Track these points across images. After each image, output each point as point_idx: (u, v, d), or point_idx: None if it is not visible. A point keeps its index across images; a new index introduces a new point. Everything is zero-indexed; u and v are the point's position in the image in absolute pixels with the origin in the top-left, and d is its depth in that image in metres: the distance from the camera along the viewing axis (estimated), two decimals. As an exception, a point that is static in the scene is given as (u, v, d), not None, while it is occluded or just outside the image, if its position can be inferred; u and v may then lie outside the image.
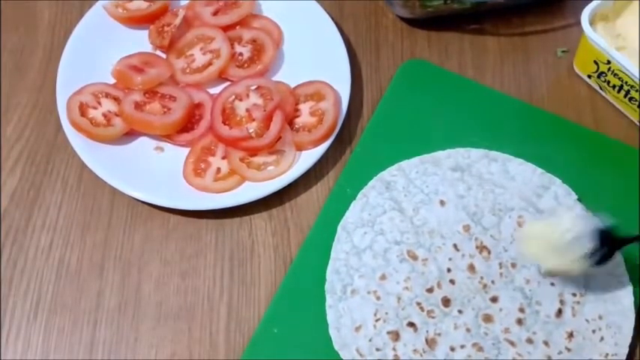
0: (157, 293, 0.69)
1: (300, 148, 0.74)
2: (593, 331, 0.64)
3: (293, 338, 0.65)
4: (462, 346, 0.64)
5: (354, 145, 0.76)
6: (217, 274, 0.70)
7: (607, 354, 0.63)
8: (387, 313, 0.65)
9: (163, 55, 0.80)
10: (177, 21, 0.81)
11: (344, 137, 0.77)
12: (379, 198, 0.71)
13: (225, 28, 0.81)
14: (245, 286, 0.70)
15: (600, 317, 0.65)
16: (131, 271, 0.71)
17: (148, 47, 0.81)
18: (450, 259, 0.67)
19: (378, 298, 0.66)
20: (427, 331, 0.64)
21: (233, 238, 0.72)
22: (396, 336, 0.64)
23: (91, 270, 0.71)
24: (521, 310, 0.65)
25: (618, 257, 0.67)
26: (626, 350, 0.63)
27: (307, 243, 0.70)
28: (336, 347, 0.64)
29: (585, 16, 0.73)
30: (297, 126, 0.75)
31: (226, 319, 0.68)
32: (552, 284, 0.66)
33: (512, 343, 0.64)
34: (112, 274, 0.70)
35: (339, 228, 0.69)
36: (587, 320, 0.64)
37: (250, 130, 0.73)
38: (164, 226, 0.73)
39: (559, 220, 0.61)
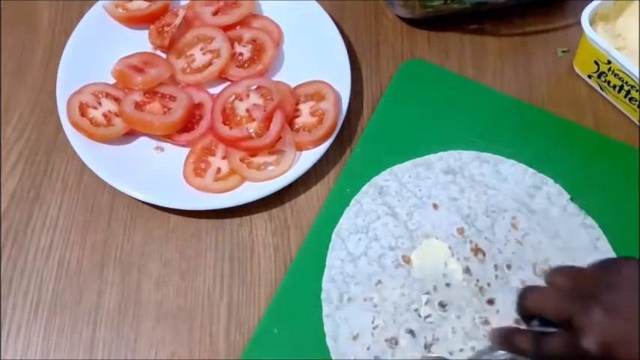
0: (157, 293, 0.69)
1: (300, 148, 0.74)
2: None
3: (293, 338, 0.65)
4: (461, 350, 0.63)
5: (354, 145, 0.76)
6: (217, 274, 0.70)
7: None
8: (384, 320, 0.65)
9: (163, 55, 0.80)
10: (178, 21, 0.81)
11: (344, 137, 0.77)
12: (372, 204, 0.71)
13: (226, 28, 0.81)
14: (245, 286, 0.70)
15: None
16: (131, 271, 0.71)
17: (148, 47, 0.81)
18: (445, 263, 0.67)
19: (375, 305, 0.66)
20: (425, 337, 0.64)
21: (233, 238, 0.72)
22: (394, 343, 0.64)
23: (91, 270, 0.71)
24: None
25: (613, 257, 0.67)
26: None
27: (307, 243, 0.70)
28: (334, 358, 0.64)
29: (585, 16, 0.73)
30: (297, 126, 0.75)
31: (226, 319, 0.68)
32: None
33: None
34: (112, 274, 0.70)
35: (333, 235, 0.69)
36: None
37: (250, 130, 0.73)
38: (164, 226, 0.73)
39: None
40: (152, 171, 0.73)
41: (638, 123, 0.76)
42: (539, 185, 0.71)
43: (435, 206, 0.70)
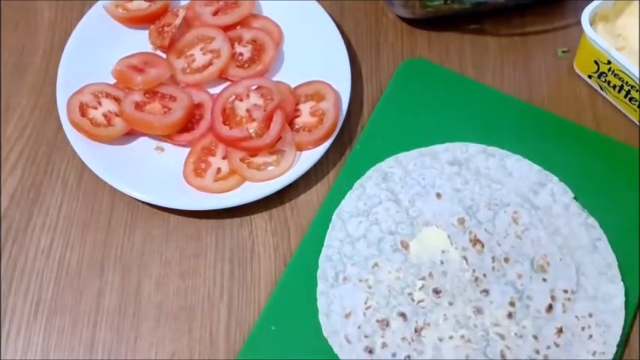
0: (157, 293, 0.69)
1: (300, 148, 0.74)
2: (583, 329, 0.64)
3: (291, 335, 0.65)
4: (451, 337, 0.64)
5: (354, 145, 0.76)
6: (217, 274, 0.70)
7: (595, 352, 0.63)
8: (377, 302, 0.65)
9: (164, 55, 0.80)
10: (178, 21, 0.81)
11: (344, 137, 0.77)
12: (376, 188, 0.71)
13: (226, 28, 0.81)
14: (245, 286, 0.70)
15: (590, 315, 0.65)
16: (131, 271, 0.71)
17: (148, 47, 0.81)
18: (443, 251, 0.67)
19: (370, 286, 0.66)
20: (416, 321, 0.64)
21: (233, 238, 0.72)
22: (385, 324, 0.64)
23: (91, 270, 0.71)
24: (512, 304, 0.65)
25: (611, 257, 0.67)
26: (613, 349, 0.63)
27: (305, 241, 0.70)
28: (325, 334, 0.64)
29: (585, 16, 0.73)
30: (297, 126, 0.75)
31: (226, 319, 0.68)
32: (544, 280, 0.66)
33: (501, 336, 0.64)
34: (112, 274, 0.70)
35: (334, 216, 0.70)
36: (577, 317, 0.65)
37: (250, 131, 0.73)
38: (164, 226, 0.73)
39: None
40: (152, 171, 0.73)
41: (638, 123, 0.76)
42: (544, 182, 0.71)
43: (438, 195, 0.70)
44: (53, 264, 0.71)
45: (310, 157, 0.73)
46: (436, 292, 0.66)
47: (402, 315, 0.65)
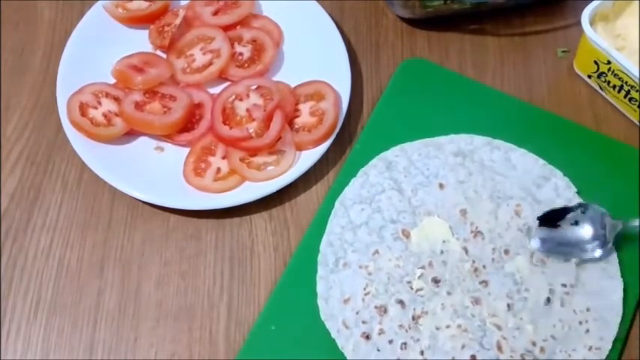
0: (157, 293, 0.69)
1: (300, 148, 0.74)
2: (580, 323, 0.64)
3: (290, 335, 0.65)
4: (448, 326, 0.64)
5: (354, 145, 0.76)
6: (217, 274, 0.70)
7: (591, 346, 0.64)
8: (376, 288, 0.66)
9: (163, 55, 0.80)
10: (178, 21, 0.81)
11: (344, 137, 0.77)
12: (379, 177, 0.71)
13: (226, 28, 0.81)
14: (245, 285, 0.70)
15: (588, 310, 0.65)
16: (131, 271, 0.71)
17: (148, 47, 0.81)
18: (443, 241, 0.68)
19: (370, 273, 0.67)
20: (414, 309, 0.65)
21: (233, 237, 0.72)
22: (383, 311, 0.65)
23: (91, 270, 0.71)
24: (510, 296, 0.65)
25: (612, 254, 0.67)
26: (609, 345, 0.64)
27: (304, 242, 0.70)
28: (323, 318, 0.65)
29: (585, 16, 0.73)
30: (297, 126, 0.75)
31: (226, 318, 0.68)
32: (543, 273, 0.66)
33: (498, 327, 0.64)
34: (112, 274, 0.70)
35: (337, 203, 0.70)
36: (574, 311, 0.65)
37: (250, 130, 0.73)
38: (164, 226, 0.73)
39: None
40: (152, 171, 0.73)
41: (638, 123, 0.76)
42: (548, 176, 0.71)
43: (441, 186, 0.71)
44: (53, 264, 0.71)
45: (310, 157, 0.73)
46: (435, 281, 0.66)
47: (401, 302, 0.65)
